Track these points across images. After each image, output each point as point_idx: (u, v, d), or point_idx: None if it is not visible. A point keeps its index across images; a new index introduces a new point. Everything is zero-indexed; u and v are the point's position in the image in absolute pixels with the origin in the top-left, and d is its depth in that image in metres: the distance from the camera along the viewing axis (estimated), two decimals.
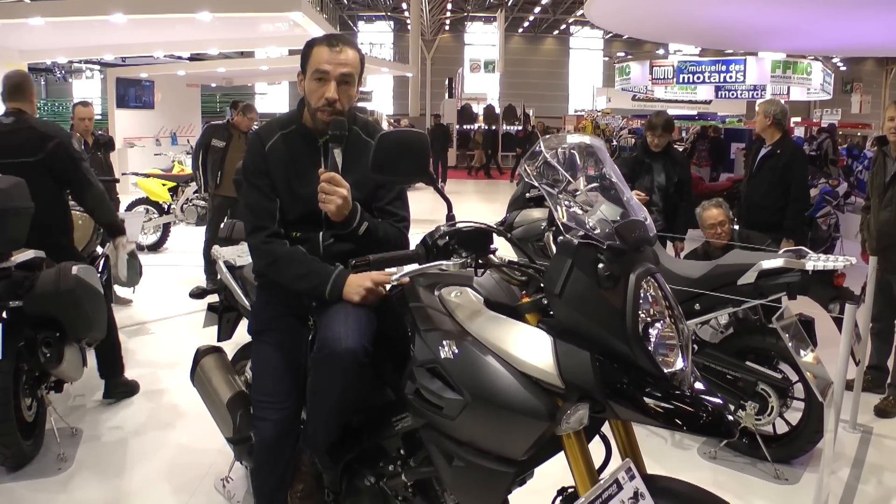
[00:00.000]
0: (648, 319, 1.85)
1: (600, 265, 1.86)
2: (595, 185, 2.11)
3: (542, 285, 2.06)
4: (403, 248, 2.67)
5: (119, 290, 6.78)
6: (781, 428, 4.15)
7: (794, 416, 4.09)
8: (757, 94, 31.59)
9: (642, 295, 1.85)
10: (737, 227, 5.10)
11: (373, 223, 2.56)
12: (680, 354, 1.86)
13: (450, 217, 2.21)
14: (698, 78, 31.07)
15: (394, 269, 2.38)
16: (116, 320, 4.78)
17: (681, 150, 23.52)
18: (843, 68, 40.84)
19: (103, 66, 28.57)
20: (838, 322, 3.92)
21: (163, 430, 4.36)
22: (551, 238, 2.18)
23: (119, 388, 4.71)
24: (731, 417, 1.85)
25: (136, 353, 5.73)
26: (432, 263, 2.08)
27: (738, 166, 18.06)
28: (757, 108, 5.95)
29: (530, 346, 1.94)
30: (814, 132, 22.78)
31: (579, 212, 2.01)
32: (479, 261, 2.11)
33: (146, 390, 4.90)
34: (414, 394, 2.12)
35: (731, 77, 29.88)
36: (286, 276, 2.54)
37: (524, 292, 2.14)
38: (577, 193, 2.09)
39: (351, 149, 2.55)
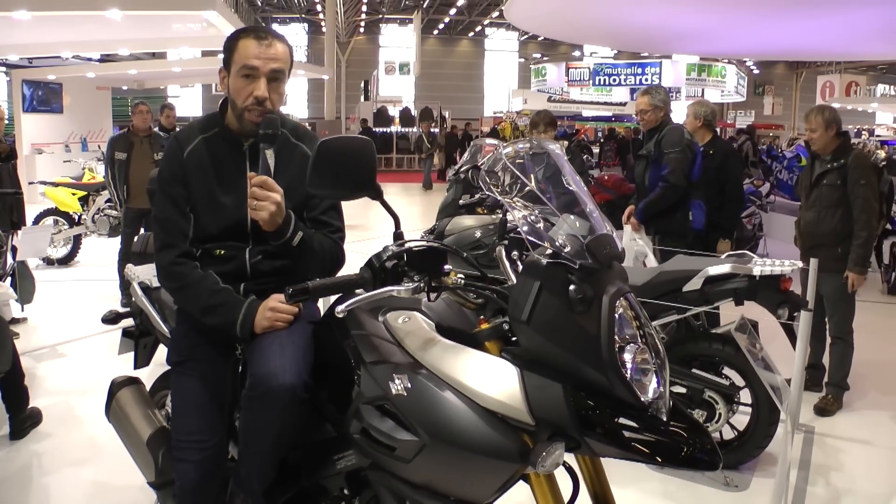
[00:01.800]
0: (622, 344, 1.68)
1: (571, 287, 1.67)
2: (555, 195, 1.92)
3: (501, 307, 1.86)
4: (339, 261, 2.44)
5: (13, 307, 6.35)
6: (727, 434, 4.08)
7: (740, 420, 4.04)
8: (672, 97, 32.33)
9: (616, 317, 1.68)
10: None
11: (307, 234, 2.31)
12: (655, 378, 1.70)
13: (398, 235, 1.97)
14: (614, 80, 31.72)
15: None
16: (22, 342, 4.40)
17: (596, 150, 23.89)
18: (756, 71, 42.22)
19: (8, 67, 27.36)
20: (784, 326, 3.89)
21: (77, 467, 4.00)
22: (503, 252, 1.97)
23: (25, 422, 4.34)
24: (711, 447, 1.70)
25: (46, 380, 5.32)
26: (381, 290, 1.82)
27: None
28: (686, 111, 5.91)
29: (494, 379, 1.73)
30: (732, 133, 23.39)
31: (542, 226, 1.82)
32: (433, 283, 1.88)
33: (57, 421, 4.53)
34: (361, 433, 1.90)
35: (646, 79, 30.60)
36: (194, 305, 2.32)
37: (481, 317, 1.93)
38: (536, 206, 1.90)
39: (280, 152, 2.30)
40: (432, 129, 23.68)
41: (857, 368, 5.02)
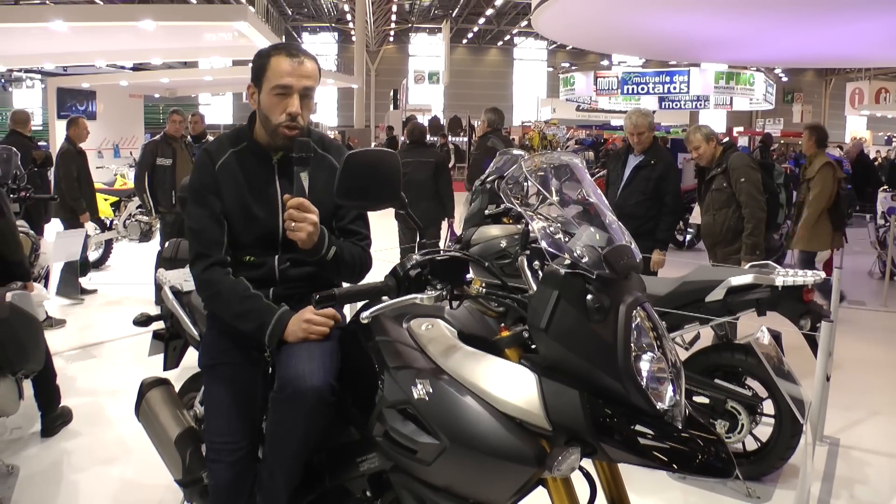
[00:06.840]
0: (639, 352, 1.71)
1: (589, 296, 1.71)
2: (576, 206, 1.97)
3: (521, 316, 1.90)
4: (367, 267, 2.50)
5: (51, 310, 6.49)
6: (750, 445, 4.07)
7: (763, 431, 4.01)
8: (700, 105, 32.13)
9: (633, 326, 1.71)
10: None
11: (339, 246, 2.38)
12: (671, 387, 1.73)
13: (422, 244, 2.03)
14: (642, 89, 31.54)
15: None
16: (54, 343, 4.50)
17: None
18: (785, 79, 41.90)
19: (44, 75, 27.88)
20: (807, 337, 3.87)
21: (106, 465, 4.09)
22: (525, 262, 2.01)
23: (57, 421, 4.43)
24: (726, 455, 1.73)
25: (77, 380, 5.42)
26: (405, 298, 1.87)
27: (686, 176, 18.31)
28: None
29: (513, 385, 1.78)
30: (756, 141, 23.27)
31: (561, 237, 1.87)
32: (455, 292, 1.93)
33: (87, 420, 4.62)
34: (383, 436, 1.94)
35: (674, 88, 30.41)
36: (227, 312, 2.37)
37: (502, 325, 1.97)
38: (557, 216, 1.94)
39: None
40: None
41: (881, 379, 4.98)
